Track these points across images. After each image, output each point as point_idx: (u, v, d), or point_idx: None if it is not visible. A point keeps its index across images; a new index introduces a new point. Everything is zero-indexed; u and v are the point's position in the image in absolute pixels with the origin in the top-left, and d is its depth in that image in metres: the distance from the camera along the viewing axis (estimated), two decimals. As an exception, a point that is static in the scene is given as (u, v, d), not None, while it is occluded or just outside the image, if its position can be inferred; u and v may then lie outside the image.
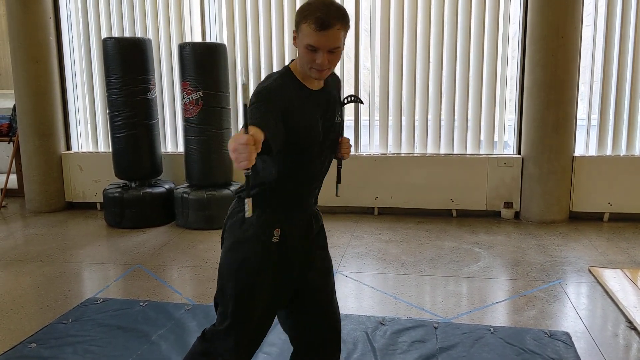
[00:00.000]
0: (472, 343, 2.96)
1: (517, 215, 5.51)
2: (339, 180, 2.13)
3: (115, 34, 5.97)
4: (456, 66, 5.50)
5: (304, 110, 1.87)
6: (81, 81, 6.18)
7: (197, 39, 5.88)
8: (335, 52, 1.79)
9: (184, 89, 5.22)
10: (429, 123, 5.63)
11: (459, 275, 4.02)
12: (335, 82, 2.08)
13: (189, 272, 4.21)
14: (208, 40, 5.85)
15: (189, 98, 5.17)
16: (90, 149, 6.27)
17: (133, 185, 5.53)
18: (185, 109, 5.29)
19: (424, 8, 5.46)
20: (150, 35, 5.89)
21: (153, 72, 5.51)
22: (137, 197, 5.38)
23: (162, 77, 5.96)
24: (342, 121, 2.08)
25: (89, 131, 6.26)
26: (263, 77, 5.67)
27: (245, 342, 1.94)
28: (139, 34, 5.92)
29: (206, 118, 5.19)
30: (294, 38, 1.83)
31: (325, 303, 2.06)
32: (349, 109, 5.83)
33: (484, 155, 5.51)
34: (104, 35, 5.94)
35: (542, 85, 5.12)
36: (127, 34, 5.94)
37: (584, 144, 5.46)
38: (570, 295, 3.64)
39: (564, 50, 5.04)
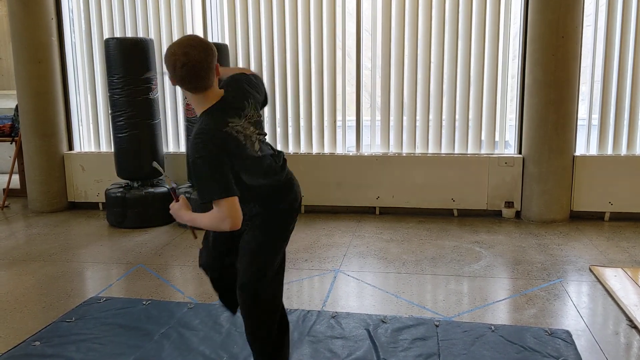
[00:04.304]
0: (472, 341, 2.97)
1: (518, 214, 5.52)
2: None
3: (117, 34, 5.99)
4: (457, 66, 5.51)
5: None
6: (83, 81, 6.20)
7: (199, 39, 5.88)
8: None
9: (185, 89, 5.23)
10: (430, 123, 5.64)
11: (460, 274, 4.03)
12: None
13: (191, 272, 4.22)
14: (210, 40, 5.86)
15: (190, 98, 5.18)
16: (93, 149, 6.30)
17: (135, 185, 5.55)
18: (187, 109, 5.31)
19: (424, 8, 5.48)
20: (152, 35, 5.91)
21: (155, 72, 5.52)
22: (139, 197, 5.40)
23: (164, 77, 5.97)
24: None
25: (91, 131, 6.28)
26: (264, 79, 5.65)
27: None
28: (140, 34, 5.94)
29: (208, 118, 5.20)
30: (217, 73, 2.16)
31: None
32: (350, 109, 5.86)
33: (484, 155, 5.53)
34: (106, 35, 5.96)
35: (543, 84, 5.14)
36: (129, 34, 5.96)
37: (585, 144, 5.47)
38: (571, 294, 3.65)
39: (564, 49, 5.05)
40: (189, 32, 5.92)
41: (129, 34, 5.97)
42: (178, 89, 5.91)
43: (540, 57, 5.11)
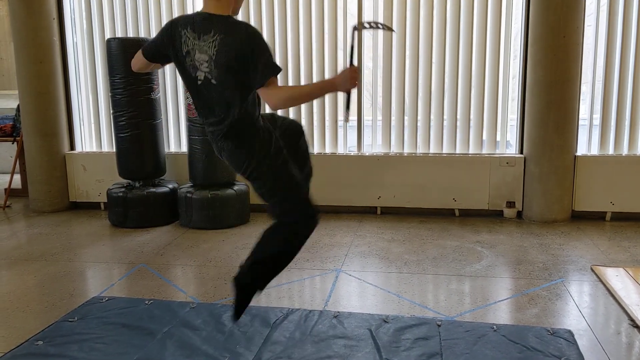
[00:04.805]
0: (475, 340, 2.98)
1: (519, 214, 5.52)
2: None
3: (119, 34, 5.99)
4: (458, 66, 5.52)
5: None
6: (85, 81, 6.21)
7: (200, 39, 5.89)
8: None
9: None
10: (432, 123, 5.64)
11: (461, 274, 4.04)
12: None
13: (193, 271, 4.23)
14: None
15: (192, 98, 5.19)
16: (94, 148, 6.30)
17: (137, 185, 5.55)
18: (189, 109, 5.31)
19: (426, 8, 5.48)
20: (153, 35, 5.90)
21: (156, 72, 5.52)
22: (141, 197, 5.40)
23: (166, 77, 5.98)
24: None
25: (92, 131, 6.28)
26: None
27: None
28: (142, 34, 5.95)
29: (209, 118, 5.21)
30: None
31: None
32: (351, 110, 5.85)
33: (486, 155, 5.53)
34: (108, 35, 5.97)
35: (544, 84, 5.14)
36: (130, 34, 5.97)
37: (586, 144, 5.47)
38: (573, 294, 3.65)
39: (565, 50, 5.05)
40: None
41: (131, 34, 5.97)
42: (179, 89, 5.93)
43: (542, 58, 5.11)
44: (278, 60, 5.74)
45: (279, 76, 2.41)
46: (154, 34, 5.94)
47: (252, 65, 2.35)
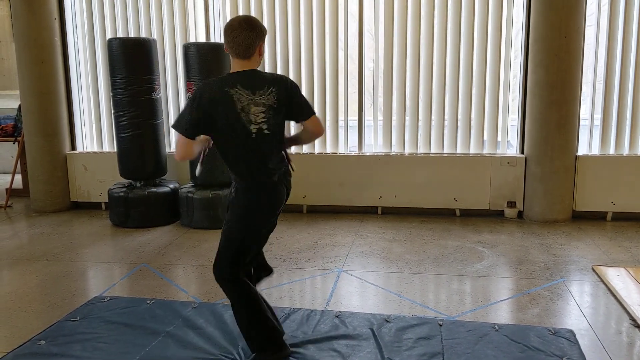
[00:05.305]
0: (476, 340, 2.98)
1: (520, 214, 5.52)
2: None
3: (120, 34, 6.00)
4: (459, 66, 5.52)
5: None
6: (86, 81, 6.21)
7: (202, 39, 5.91)
8: None
9: (188, 89, 5.25)
10: (433, 123, 5.65)
11: (462, 274, 4.04)
12: None
13: (194, 271, 4.23)
14: (212, 40, 5.88)
15: (193, 98, 5.19)
16: (95, 148, 6.30)
17: (138, 185, 5.55)
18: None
19: (427, 8, 5.49)
20: (154, 35, 5.92)
21: (158, 72, 5.53)
22: (142, 197, 5.41)
23: (167, 77, 5.99)
24: None
25: (93, 131, 6.29)
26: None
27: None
28: (143, 35, 5.95)
29: (211, 118, 5.21)
30: (260, 53, 2.64)
31: None
32: (352, 109, 5.86)
33: (487, 155, 5.53)
34: (109, 35, 5.97)
35: (545, 85, 5.14)
36: (131, 35, 5.97)
37: (587, 144, 5.47)
38: (574, 294, 3.66)
39: (566, 50, 5.06)
40: (192, 32, 5.94)
41: (132, 34, 5.97)
42: (180, 89, 5.94)
43: (543, 58, 5.11)
44: (279, 59, 5.78)
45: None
46: (154, 34, 5.95)
47: (297, 104, 2.69)
